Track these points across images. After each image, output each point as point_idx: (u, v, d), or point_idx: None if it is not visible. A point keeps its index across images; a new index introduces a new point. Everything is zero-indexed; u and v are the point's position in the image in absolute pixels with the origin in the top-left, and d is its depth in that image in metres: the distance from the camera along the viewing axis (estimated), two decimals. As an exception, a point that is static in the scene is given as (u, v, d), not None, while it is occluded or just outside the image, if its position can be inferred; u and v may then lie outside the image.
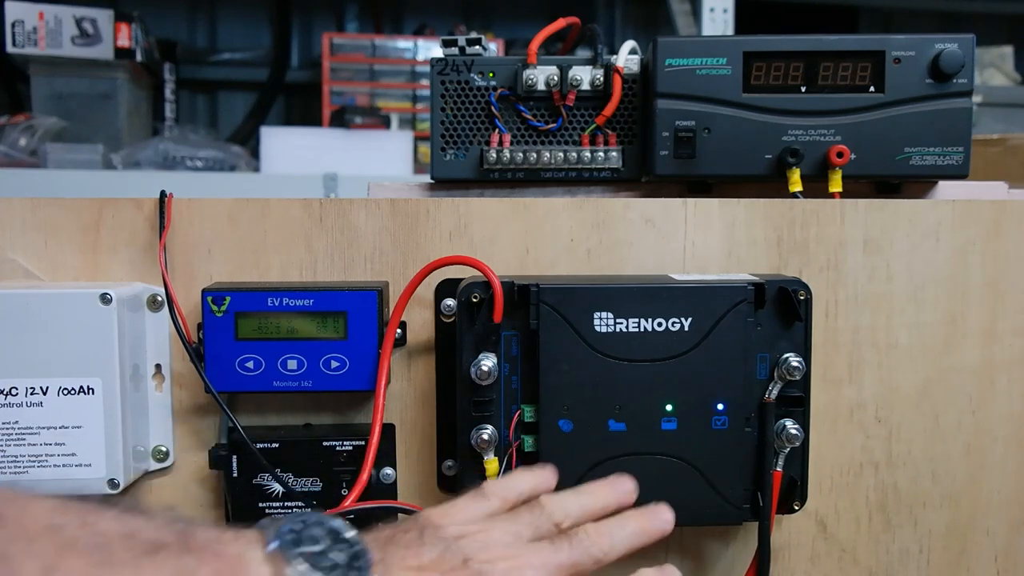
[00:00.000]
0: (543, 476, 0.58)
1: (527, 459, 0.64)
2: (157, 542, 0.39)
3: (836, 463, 0.72)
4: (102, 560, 0.36)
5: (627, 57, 0.76)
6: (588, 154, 0.77)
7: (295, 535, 0.43)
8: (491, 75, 0.77)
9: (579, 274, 0.70)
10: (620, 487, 0.58)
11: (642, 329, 0.62)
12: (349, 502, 0.64)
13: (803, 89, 0.74)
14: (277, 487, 0.66)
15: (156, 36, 2.32)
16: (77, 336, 0.62)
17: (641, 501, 0.63)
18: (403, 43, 2.41)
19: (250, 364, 0.65)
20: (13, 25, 1.99)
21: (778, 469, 0.64)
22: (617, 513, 0.57)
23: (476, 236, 0.69)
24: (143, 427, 0.67)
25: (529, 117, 0.77)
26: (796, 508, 0.66)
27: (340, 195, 1.95)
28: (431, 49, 2.36)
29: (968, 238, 0.71)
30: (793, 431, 0.64)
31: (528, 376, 0.63)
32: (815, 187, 0.74)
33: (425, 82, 2.32)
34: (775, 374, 0.64)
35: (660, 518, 0.56)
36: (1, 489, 0.38)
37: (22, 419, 0.62)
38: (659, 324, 0.62)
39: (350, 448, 0.66)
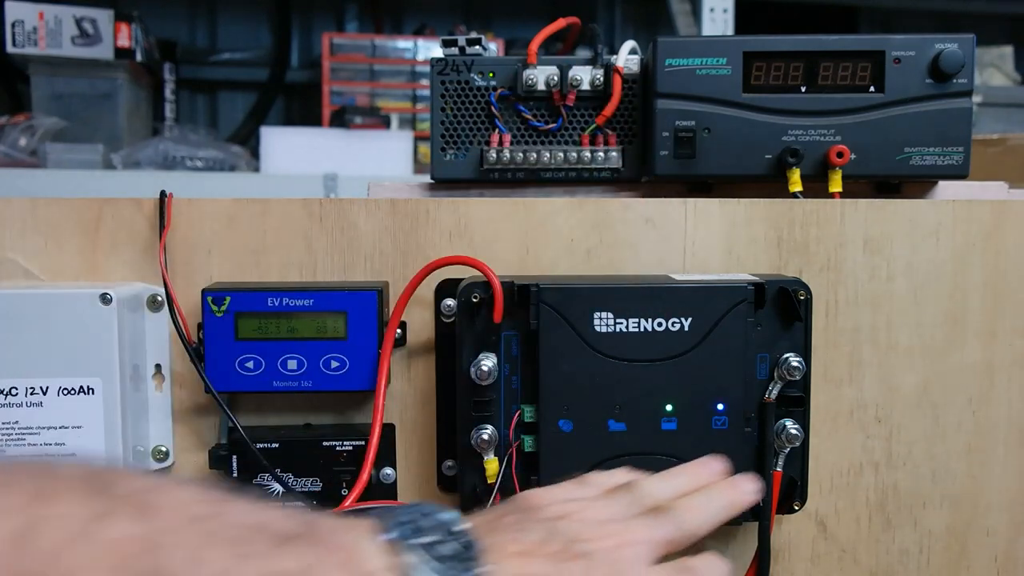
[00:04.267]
0: (640, 472, 0.60)
1: (527, 459, 0.64)
2: (287, 533, 0.40)
3: (836, 463, 0.72)
4: (240, 552, 0.38)
5: (627, 57, 0.76)
6: (588, 154, 0.77)
7: (408, 526, 0.44)
8: (491, 75, 0.77)
9: (579, 274, 0.70)
10: (710, 468, 0.60)
11: (642, 329, 0.62)
12: (349, 502, 0.64)
13: (803, 89, 0.74)
14: (277, 487, 0.66)
15: (156, 36, 2.32)
16: (77, 336, 0.62)
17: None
18: (403, 43, 2.41)
19: (250, 364, 0.65)
20: (13, 25, 1.99)
21: (778, 469, 0.64)
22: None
23: (476, 236, 0.69)
24: (143, 427, 0.67)
25: (529, 117, 0.77)
26: (796, 508, 0.66)
27: (340, 195, 1.95)
28: (431, 49, 2.36)
29: (968, 238, 0.71)
30: (793, 431, 0.64)
31: (528, 376, 0.63)
32: (815, 187, 0.74)
33: (425, 82, 2.32)
34: (775, 374, 0.64)
35: (743, 489, 0.59)
36: (145, 478, 0.39)
37: (22, 419, 0.62)
38: (659, 324, 0.62)
39: (350, 448, 0.66)
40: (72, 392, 0.62)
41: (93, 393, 0.62)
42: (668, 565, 0.52)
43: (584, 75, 0.76)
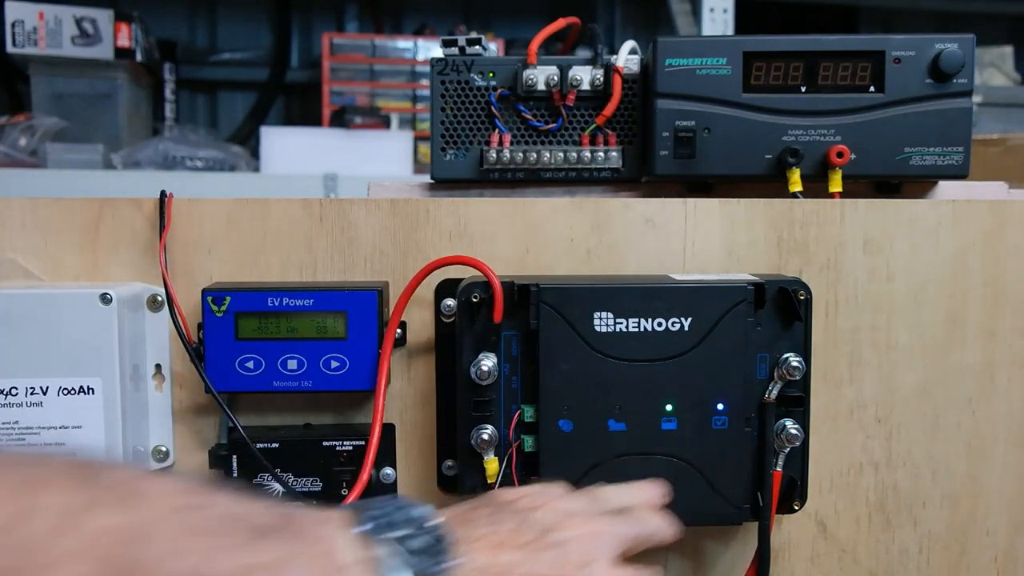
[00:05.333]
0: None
1: (527, 459, 0.64)
2: (267, 524, 0.42)
3: (836, 463, 0.72)
4: (218, 544, 0.39)
5: (627, 57, 0.76)
6: (588, 154, 0.77)
7: (381, 520, 0.46)
8: (491, 75, 0.77)
9: (579, 274, 0.70)
10: (654, 491, 0.61)
11: (642, 329, 0.62)
12: (349, 501, 0.64)
13: (803, 89, 0.74)
14: (277, 487, 0.66)
15: (156, 36, 2.32)
16: (77, 336, 0.62)
17: (641, 501, 0.63)
18: (403, 43, 2.41)
19: (250, 364, 0.65)
20: (13, 25, 1.99)
21: (778, 469, 0.64)
22: None
23: (476, 236, 0.69)
24: (143, 427, 0.67)
25: (529, 117, 0.77)
26: (796, 508, 0.66)
27: (340, 195, 1.95)
28: (431, 49, 2.36)
29: (968, 238, 0.71)
30: (793, 431, 0.64)
31: (528, 376, 0.63)
32: (815, 187, 0.74)
33: (425, 82, 2.32)
34: (775, 374, 0.64)
35: (675, 528, 0.60)
36: (130, 469, 0.41)
37: (22, 419, 0.62)
38: (659, 324, 0.62)
39: (350, 448, 0.66)
40: (72, 392, 0.62)
41: (93, 393, 0.62)
42: (629, 566, 0.54)
43: (584, 75, 0.76)
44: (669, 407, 0.63)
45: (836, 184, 0.73)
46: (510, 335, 0.64)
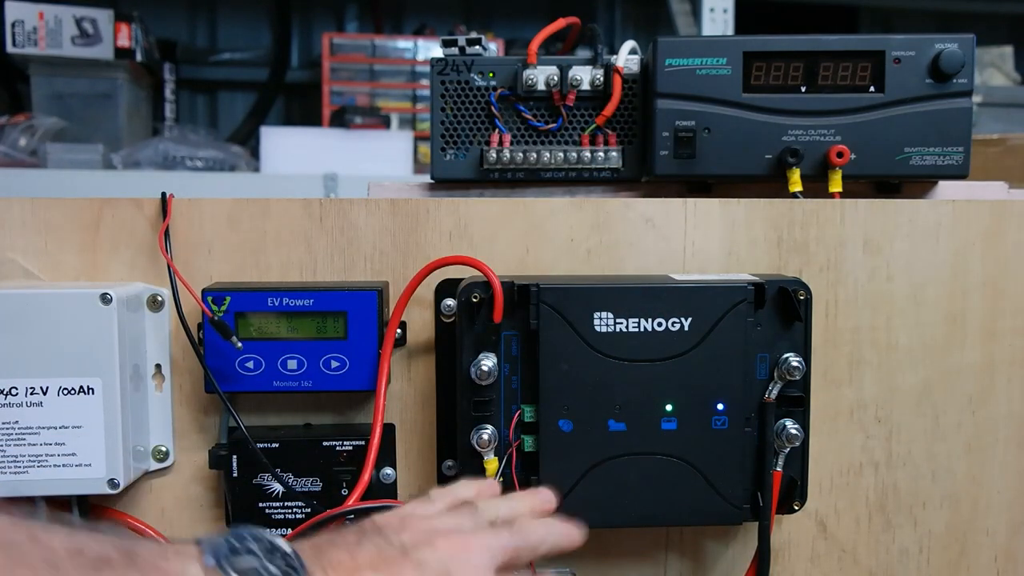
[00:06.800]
0: (486, 485, 0.61)
1: (527, 459, 0.64)
2: (103, 558, 0.41)
3: (836, 463, 0.72)
4: (51, 575, 0.39)
5: (627, 57, 0.76)
6: (588, 154, 0.77)
7: (232, 550, 0.45)
8: (491, 75, 0.77)
9: (579, 274, 0.70)
10: (542, 496, 0.61)
11: (642, 329, 0.62)
12: (352, 502, 0.64)
13: (803, 89, 0.74)
14: (277, 487, 0.66)
15: (156, 36, 2.32)
16: (77, 336, 0.62)
17: (642, 501, 0.63)
18: (403, 43, 2.41)
19: (250, 364, 0.65)
20: (13, 25, 1.99)
21: (778, 469, 0.64)
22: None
23: (476, 236, 0.69)
24: (143, 427, 0.67)
25: (529, 117, 0.77)
26: (796, 508, 0.66)
27: (340, 195, 1.95)
28: (431, 49, 2.36)
29: (968, 238, 0.71)
30: (793, 431, 0.64)
31: (528, 376, 0.63)
32: (815, 187, 0.74)
33: (425, 82, 2.32)
34: (775, 374, 0.64)
35: (574, 532, 0.58)
36: None
37: (22, 419, 0.62)
38: (659, 324, 0.62)
39: (350, 448, 0.66)
40: (72, 392, 0.62)
41: (93, 393, 0.62)
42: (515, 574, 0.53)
43: (584, 75, 0.76)
44: (669, 407, 0.63)
45: (836, 184, 0.73)
46: (510, 335, 0.64)
